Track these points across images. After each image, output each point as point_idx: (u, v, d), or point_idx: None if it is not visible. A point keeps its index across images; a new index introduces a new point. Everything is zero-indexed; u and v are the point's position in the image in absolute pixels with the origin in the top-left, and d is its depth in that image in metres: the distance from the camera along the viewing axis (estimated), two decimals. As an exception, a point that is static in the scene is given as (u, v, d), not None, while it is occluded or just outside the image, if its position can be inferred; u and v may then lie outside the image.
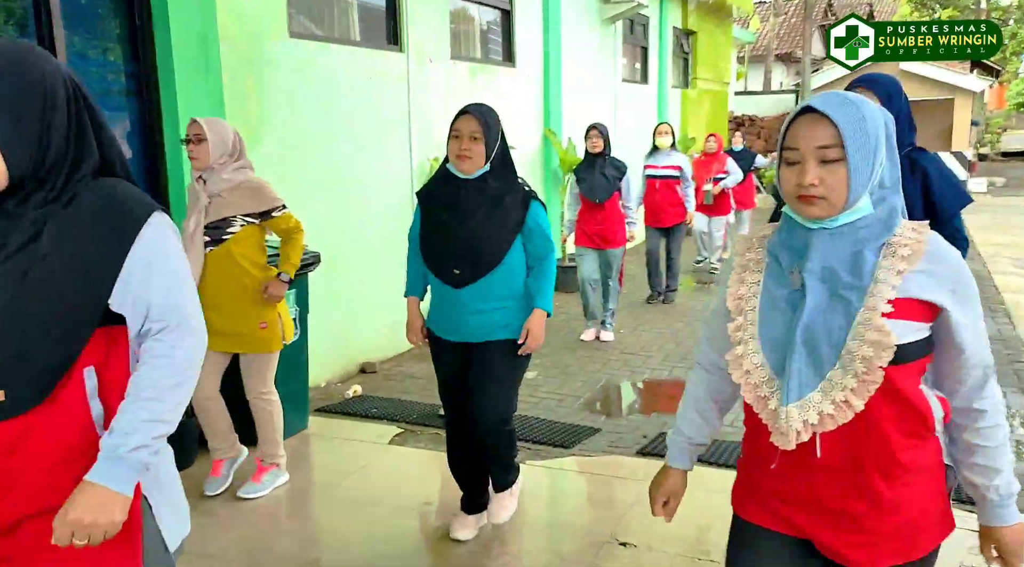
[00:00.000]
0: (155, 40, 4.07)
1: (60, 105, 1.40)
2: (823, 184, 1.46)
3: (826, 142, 1.46)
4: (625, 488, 3.63)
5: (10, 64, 1.38)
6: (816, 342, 1.47)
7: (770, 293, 1.55)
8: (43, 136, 1.38)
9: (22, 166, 1.37)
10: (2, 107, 1.34)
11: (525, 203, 2.98)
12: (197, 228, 3.38)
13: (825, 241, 1.49)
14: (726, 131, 18.48)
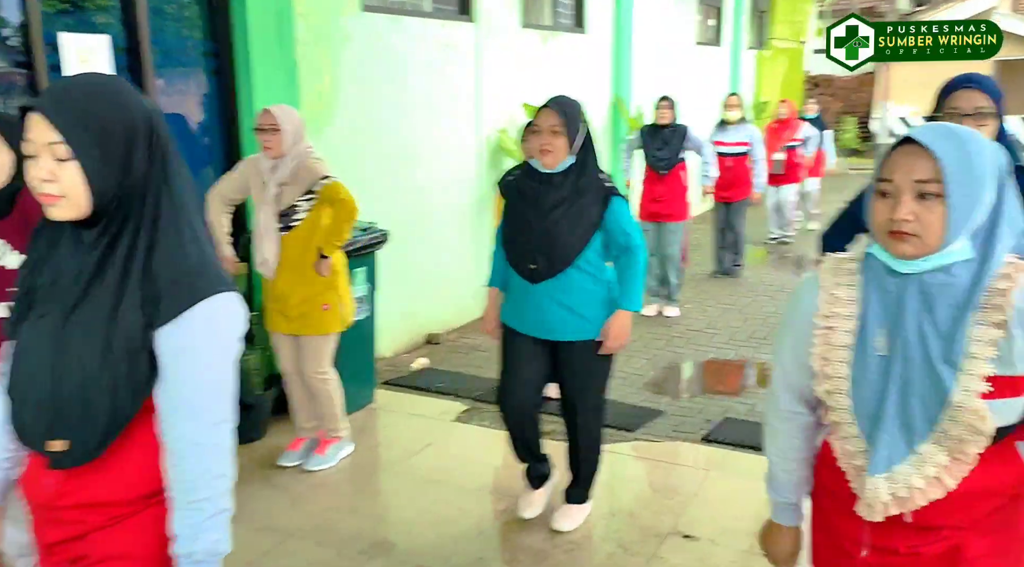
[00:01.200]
0: (231, 17, 4.11)
1: (142, 142, 1.41)
2: (917, 220, 1.38)
3: (925, 176, 1.37)
4: (688, 477, 3.62)
5: (104, 99, 1.39)
6: (909, 415, 1.41)
7: (859, 360, 1.47)
8: (125, 170, 1.39)
9: (103, 197, 1.38)
10: (92, 139, 1.36)
11: (605, 199, 2.94)
12: (271, 220, 3.44)
13: (916, 297, 1.41)
14: (802, 93, 17.89)
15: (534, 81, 6.80)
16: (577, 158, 2.95)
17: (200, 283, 1.40)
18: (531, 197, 2.98)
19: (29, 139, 1.38)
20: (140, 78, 3.76)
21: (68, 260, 1.44)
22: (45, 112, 1.36)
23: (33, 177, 1.38)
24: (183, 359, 1.39)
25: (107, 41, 3.62)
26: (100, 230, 1.40)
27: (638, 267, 3.00)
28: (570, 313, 2.98)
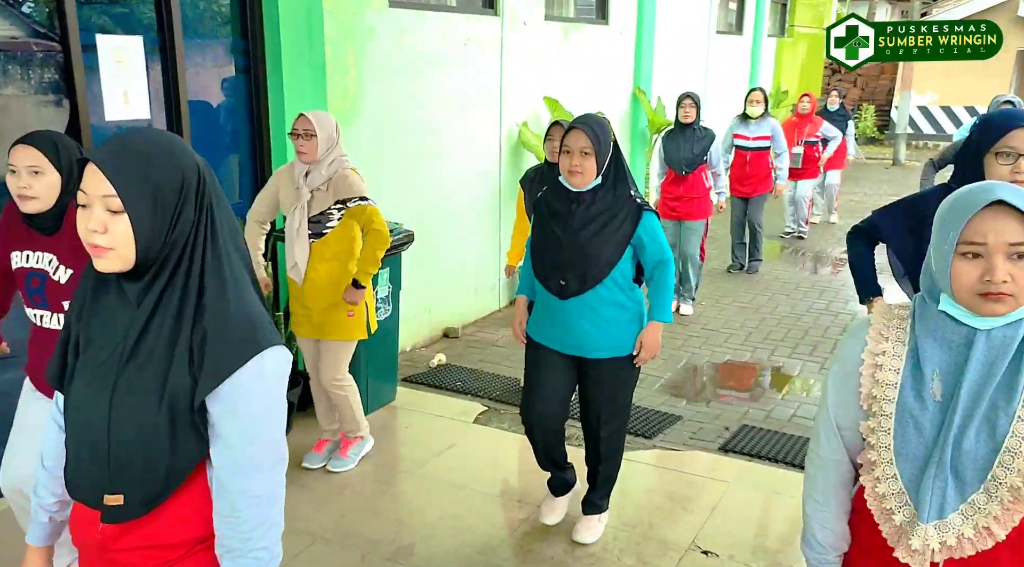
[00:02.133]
0: (263, 16, 4.11)
1: (192, 199, 1.43)
2: (1014, 282, 1.39)
3: (1020, 239, 1.39)
4: (706, 489, 3.67)
5: (159, 156, 1.42)
6: (962, 465, 1.43)
7: (908, 402, 1.49)
8: (172, 225, 1.41)
9: (150, 251, 1.40)
10: (144, 193, 1.38)
11: (636, 216, 2.96)
12: (301, 225, 3.47)
13: (984, 349, 1.43)
14: (821, 79, 17.72)
15: (556, 74, 6.78)
16: (606, 176, 2.97)
17: (247, 342, 1.42)
18: (562, 216, 3.00)
19: (84, 190, 1.41)
20: (173, 78, 3.77)
21: (114, 313, 1.46)
22: (102, 165, 1.38)
23: (84, 227, 1.40)
24: (235, 420, 1.42)
25: (140, 42, 3.63)
26: (145, 284, 1.43)
27: (670, 280, 3.04)
28: (598, 330, 3.01)
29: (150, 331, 1.43)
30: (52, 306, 2.50)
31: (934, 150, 18.05)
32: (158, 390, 1.41)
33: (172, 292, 1.43)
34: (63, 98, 3.41)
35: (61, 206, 2.46)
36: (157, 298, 1.43)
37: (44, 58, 3.36)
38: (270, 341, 1.45)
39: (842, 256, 8.60)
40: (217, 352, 1.40)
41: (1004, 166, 2.38)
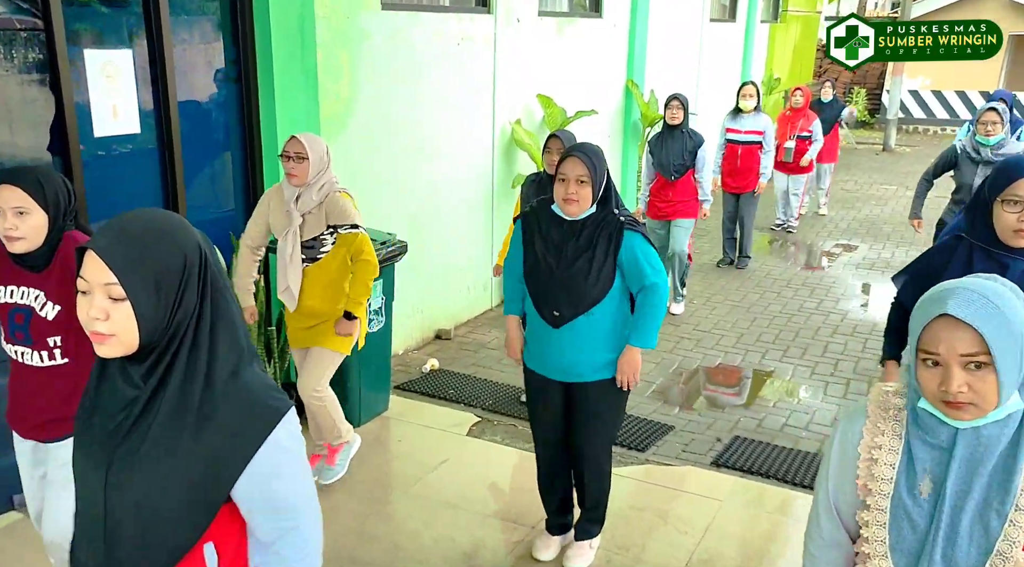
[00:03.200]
0: (255, 23, 4.02)
1: (194, 278, 1.41)
2: (971, 390, 1.40)
3: (971, 350, 1.39)
4: (700, 508, 3.69)
5: (161, 237, 1.39)
6: (954, 561, 1.45)
7: (902, 497, 1.50)
8: (175, 308, 1.39)
9: (153, 336, 1.38)
10: (147, 281, 1.36)
11: (618, 236, 2.90)
12: (295, 250, 3.43)
13: (969, 448, 1.44)
14: (813, 62, 17.64)
15: (549, 70, 6.70)
16: (599, 204, 2.94)
17: (259, 419, 1.42)
18: (554, 243, 2.96)
19: (84, 277, 1.38)
20: (163, 90, 3.70)
21: (117, 389, 1.44)
22: (102, 253, 1.36)
23: (85, 314, 1.38)
24: (266, 491, 1.43)
25: (129, 55, 3.55)
26: (149, 366, 1.41)
27: (655, 305, 2.96)
28: (590, 355, 3.00)
29: (151, 410, 1.41)
30: (35, 343, 2.46)
31: (924, 135, 18.07)
32: (158, 470, 1.40)
33: (175, 372, 1.41)
34: (51, 113, 3.33)
35: (50, 243, 2.41)
36: (160, 378, 1.41)
37: (31, 74, 3.28)
38: (278, 410, 1.44)
39: (831, 250, 8.62)
40: (234, 439, 1.40)
41: (1011, 214, 2.40)
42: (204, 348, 1.42)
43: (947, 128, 18.30)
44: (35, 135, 3.33)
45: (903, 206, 10.72)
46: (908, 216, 5.67)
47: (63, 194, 2.42)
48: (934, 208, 5.68)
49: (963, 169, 5.18)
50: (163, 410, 1.40)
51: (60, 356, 2.48)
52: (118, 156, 3.62)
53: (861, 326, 6.26)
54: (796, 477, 3.96)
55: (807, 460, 4.15)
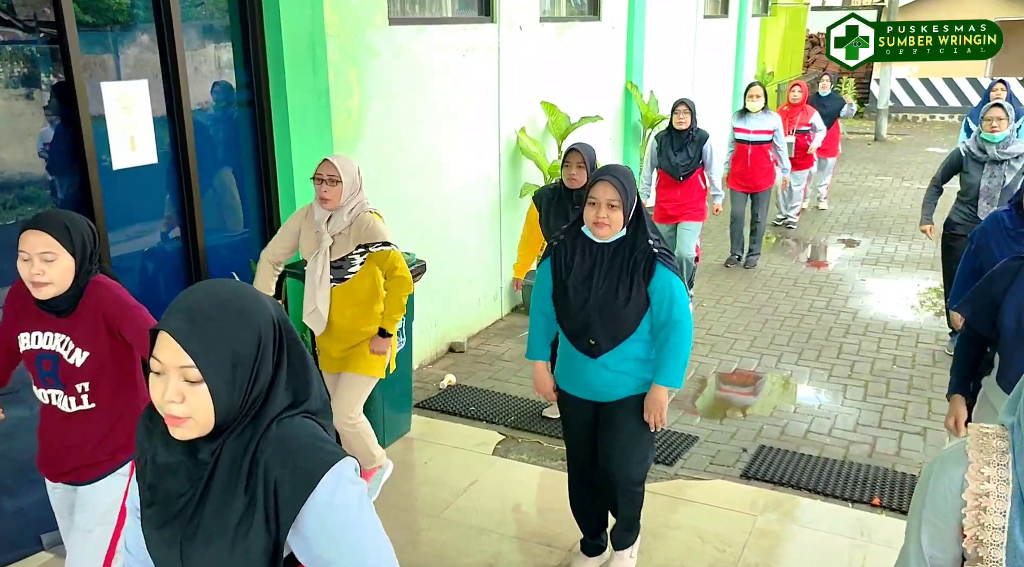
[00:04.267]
0: (267, 45, 3.96)
1: (269, 352, 1.37)
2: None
3: None
4: (736, 524, 3.67)
5: (232, 316, 1.35)
6: None
7: (1018, 545, 1.46)
8: (251, 385, 1.36)
9: (228, 415, 1.35)
10: (224, 362, 1.32)
11: (650, 266, 2.86)
12: (324, 271, 3.39)
13: None
14: (802, 54, 17.67)
15: (551, 76, 6.66)
16: (629, 226, 2.91)
17: (316, 462, 1.37)
18: (584, 272, 2.92)
19: (158, 358, 1.35)
20: (179, 120, 3.64)
21: (180, 465, 1.40)
22: (177, 336, 1.32)
23: (159, 396, 1.35)
24: (330, 543, 1.38)
25: (146, 86, 3.49)
26: (221, 444, 1.38)
27: (680, 343, 2.90)
28: (627, 378, 2.98)
29: (217, 478, 1.38)
30: (67, 389, 2.42)
31: (914, 123, 18.13)
32: (225, 543, 1.37)
33: (242, 439, 1.38)
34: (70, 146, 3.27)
35: (77, 288, 2.36)
36: (231, 455, 1.38)
37: (49, 105, 3.22)
38: (337, 455, 1.40)
39: (834, 245, 8.62)
40: (276, 495, 1.36)
41: None
42: (270, 414, 1.39)
43: (936, 116, 18.38)
44: (53, 171, 3.27)
45: (900, 198, 10.76)
46: (919, 224, 5.64)
47: (88, 237, 2.37)
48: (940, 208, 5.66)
49: (970, 170, 5.18)
50: (224, 474, 1.37)
51: (88, 401, 2.44)
52: (136, 188, 3.56)
53: (873, 325, 6.27)
54: (828, 488, 3.95)
55: (835, 469, 4.14)
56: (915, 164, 13.12)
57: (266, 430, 1.39)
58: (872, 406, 4.92)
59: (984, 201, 5.03)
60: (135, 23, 3.51)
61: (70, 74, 3.15)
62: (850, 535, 3.57)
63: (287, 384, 1.42)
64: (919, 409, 4.87)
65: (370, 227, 3.39)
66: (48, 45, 3.17)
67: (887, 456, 4.32)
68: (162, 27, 3.55)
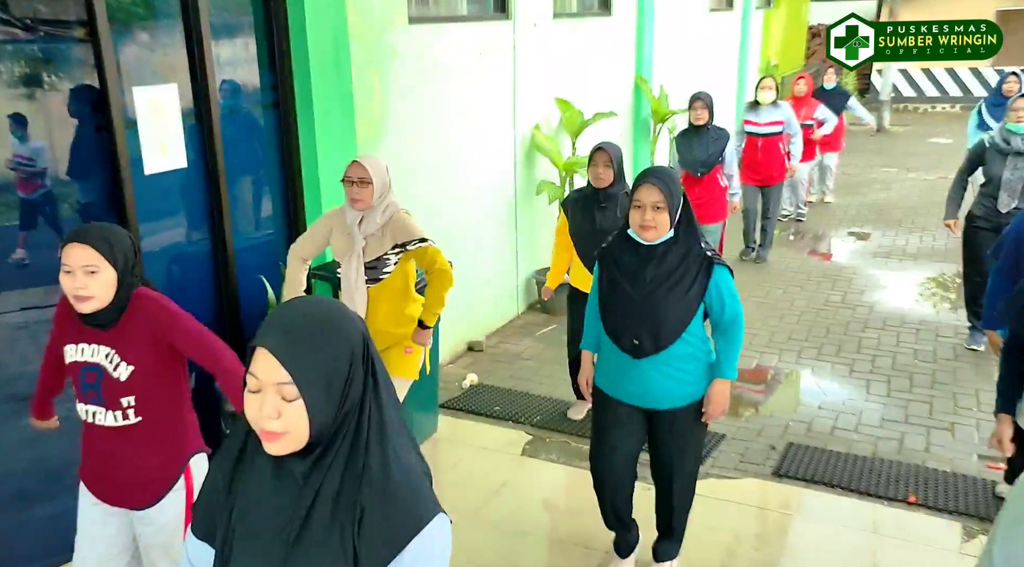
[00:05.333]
0: (291, 47, 3.93)
1: (360, 367, 1.37)
2: None
3: None
4: (771, 523, 3.67)
5: (327, 331, 1.35)
6: None
7: None
8: (344, 400, 1.35)
9: (323, 431, 1.34)
10: (320, 378, 1.32)
11: (708, 270, 2.90)
12: (359, 272, 3.38)
13: None
14: (804, 45, 17.64)
15: (565, 73, 6.64)
16: (677, 228, 2.90)
17: (407, 520, 1.36)
18: (631, 271, 2.92)
19: (255, 375, 1.34)
20: (207, 124, 3.61)
21: (271, 485, 1.39)
22: (276, 352, 1.32)
23: (256, 412, 1.34)
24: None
25: (175, 90, 3.46)
26: (313, 461, 1.36)
27: (738, 337, 2.99)
28: (672, 382, 2.97)
29: (316, 508, 1.36)
30: (108, 403, 2.39)
31: (915, 113, 18.13)
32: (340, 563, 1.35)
33: (336, 466, 1.37)
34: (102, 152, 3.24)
35: (119, 300, 2.34)
36: (324, 472, 1.36)
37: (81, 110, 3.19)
38: (431, 511, 1.39)
39: (845, 238, 8.62)
40: (377, 536, 1.34)
41: None
42: (363, 439, 1.38)
43: (938, 106, 18.39)
44: (86, 177, 3.24)
45: (908, 190, 10.76)
46: (943, 218, 5.57)
47: (129, 250, 2.35)
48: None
49: (991, 161, 5.14)
50: (327, 508, 1.36)
51: (134, 415, 2.41)
52: (167, 192, 3.53)
53: (891, 319, 6.27)
54: (861, 485, 3.95)
55: (867, 466, 4.14)
56: (920, 155, 13.14)
57: (368, 456, 1.37)
58: (897, 401, 4.92)
59: (1005, 193, 5.01)
60: (163, 25, 3.48)
61: (103, 78, 3.12)
62: (892, 534, 3.57)
63: (376, 398, 1.41)
64: (945, 404, 4.87)
65: (405, 225, 3.38)
66: (78, 46, 3.13)
67: (916, 452, 4.32)
68: (190, 29, 3.52)
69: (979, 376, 5.21)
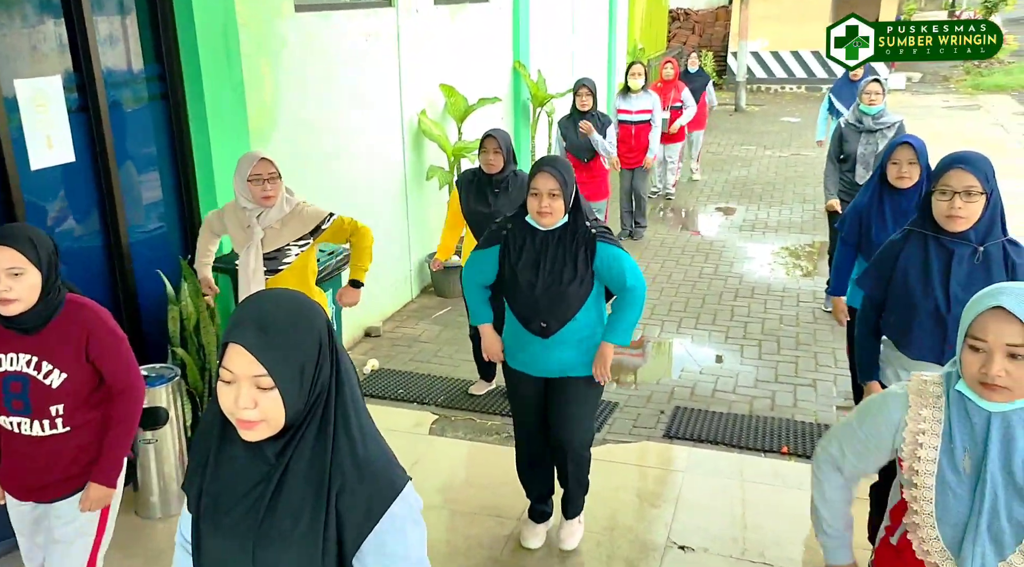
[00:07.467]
0: (179, 37, 3.86)
1: (327, 353, 1.46)
2: (1009, 377, 1.65)
3: (1016, 341, 1.64)
4: (666, 481, 3.98)
5: (296, 323, 1.42)
6: (999, 530, 1.71)
7: (946, 476, 1.76)
8: (314, 385, 1.44)
9: (297, 416, 1.43)
10: (292, 367, 1.40)
11: (590, 247, 3.07)
12: (257, 263, 3.41)
13: (1001, 430, 1.70)
14: (666, 28, 18.37)
15: (447, 59, 6.74)
16: (571, 215, 3.10)
17: (384, 489, 1.47)
18: (533, 256, 3.10)
19: (229, 369, 1.41)
20: (96, 118, 3.51)
21: (244, 469, 1.47)
22: (251, 349, 1.39)
23: (231, 403, 1.41)
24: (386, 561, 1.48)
25: (59, 82, 3.34)
26: (285, 443, 1.45)
27: (633, 305, 3.17)
28: (577, 355, 3.18)
29: (286, 483, 1.45)
30: (36, 413, 2.35)
31: (767, 94, 19.26)
32: (304, 544, 1.44)
33: (306, 443, 1.46)
34: (-18, 151, 3.11)
35: (45, 303, 2.30)
36: (293, 450, 1.45)
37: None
38: (403, 478, 1.51)
39: (712, 213, 9.17)
40: (354, 509, 1.45)
41: (942, 202, 2.71)
42: (331, 418, 1.47)
43: (787, 87, 19.61)
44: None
45: (766, 166, 11.51)
46: (825, 202, 5.93)
47: (52, 251, 2.32)
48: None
49: (849, 140, 5.64)
50: (299, 483, 1.44)
51: (62, 425, 2.38)
52: (56, 188, 3.42)
53: (758, 288, 6.77)
54: (740, 440, 4.33)
55: (744, 423, 4.53)
56: (773, 133, 14.04)
57: (336, 438, 1.46)
58: (767, 363, 5.37)
59: (861, 167, 5.53)
60: (44, 15, 3.35)
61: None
62: (769, 482, 3.95)
63: (340, 379, 1.49)
64: (808, 363, 5.36)
65: (311, 212, 3.48)
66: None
67: (786, 408, 4.76)
68: (72, 19, 3.40)
69: (835, 336, 5.74)
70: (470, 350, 5.04)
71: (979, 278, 2.62)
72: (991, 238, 2.70)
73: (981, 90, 18.31)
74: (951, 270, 2.70)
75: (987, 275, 2.64)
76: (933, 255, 2.74)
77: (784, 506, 3.74)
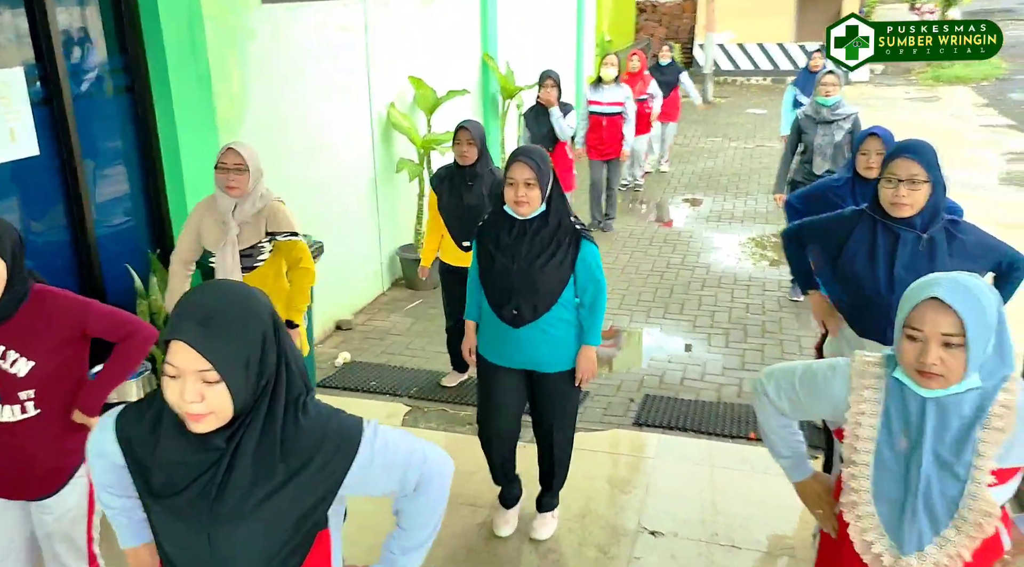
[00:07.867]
0: (144, 28, 3.82)
1: (272, 342, 1.48)
2: (944, 365, 1.72)
3: (950, 331, 1.71)
4: (636, 468, 4.04)
5: (240, 316, 1.44)
6: (933, 506, 1.79)
7: (883, 454, 1.83)
8: (260, 374, 1.46)
9: (245, 405, 1.46)
10: (238, 359, 1.42)
11: (576, 245, 3.14)
12: (234, 259, 3.38)
13: (936, 413, 1.77)
14: (633, 20, 18.45)
15: (416, 51, 6.73)
16: (549, 202, 3.14)
17: (344, 444, 1.54)
18: (508, 246, 3.13)
19: (173, 364, 1.42)
20: (60, 111, 3.47)
21: (191, 454, 1.49)
22: (194, 345, 1.40)
23: (178, 397, 1.42)
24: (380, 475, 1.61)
25: (21, 74, 3.30)
26: (234, 430, 1.48)
27: (601, 307, 3.25)
28: (549, 347, 3.22)
29: (237, 463, 1.48)
30: (4, 399, 2.35)
31: (733, 86, 19.44)
32: (261, 516, 1.49)
33: (255, 425, 1.49)
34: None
35: (12, 294, 2.29)
36: (242, 434, 1.48)
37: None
38: (358, 424, 1.59)
39: (680, 204, 9.28)
40: (321, 467, 1.51)
41: (888, 189, 2.80)
42: (280, 398, 1.51)
43: (752, 79, 19.81)
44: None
45: (731, 157, 11.65)
46: (772, 192, 6.07)
47: (17, 242, 2.30)
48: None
49: (807, 130, 5.75)
50: (249, 460, 1.48)
51: (33, 408, 2.38)
52: (20, 182, 3.38)
53: (724, 277, 6.87)
54: (709, 427, 4.41)
55: (712, 410, 4.61)
56: (739, 125, 14.19)
57: (287, 415, 1.51)
58: (734, 351, 5.47)
59: (818, 157, 5.64)
60: (2, 5, 3.30)
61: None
62: (737, 467, 4.03)
63: (286, 363, 1.53)
64: (773, 350, 5.47)
65: (280, 215, 3.41)
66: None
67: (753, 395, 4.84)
68: (33, 10, 3.35)
69: (799, 324, 5.85)
70: (442, 342, 5.06)
71: (923, 264, 2.72)
72: (935, 223, 2.79)
73: (941, 82, 18.67)
74: (896, 252, 2.80)
75: (931, 261, 2.74)
76: (880, 238, 2.83)
77: (752, 491, 3.82)
